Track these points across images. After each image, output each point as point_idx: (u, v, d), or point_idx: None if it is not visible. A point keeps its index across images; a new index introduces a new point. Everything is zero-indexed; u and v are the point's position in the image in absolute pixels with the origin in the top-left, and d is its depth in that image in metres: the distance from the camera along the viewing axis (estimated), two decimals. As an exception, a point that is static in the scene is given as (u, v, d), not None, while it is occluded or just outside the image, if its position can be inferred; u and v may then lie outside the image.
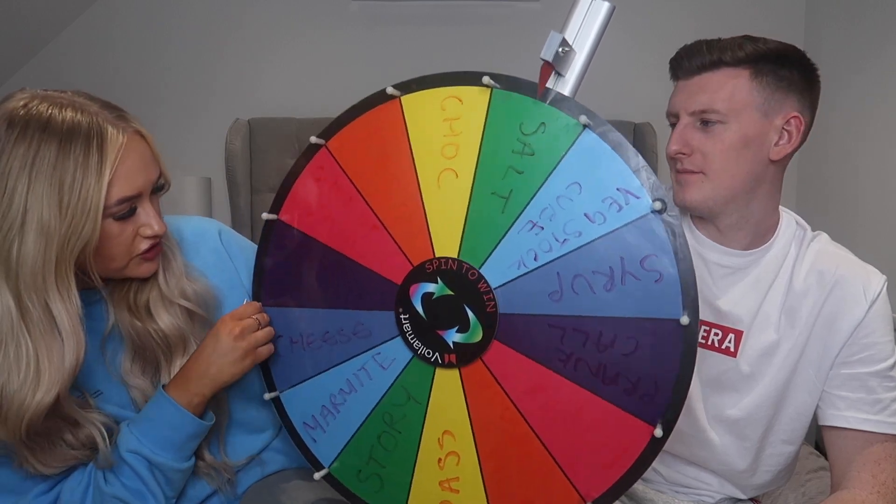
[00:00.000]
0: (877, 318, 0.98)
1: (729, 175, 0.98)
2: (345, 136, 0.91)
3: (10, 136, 0.77)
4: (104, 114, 0.82)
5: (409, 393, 0.88)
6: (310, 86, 2.41)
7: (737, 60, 0.97)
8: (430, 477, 0.89)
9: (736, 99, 0.97)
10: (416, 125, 0.86)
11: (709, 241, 1.05)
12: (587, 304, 0.78)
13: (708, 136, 0.98)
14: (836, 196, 2.17)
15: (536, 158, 0.79)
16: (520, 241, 0.80)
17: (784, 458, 1.08)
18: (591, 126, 0.76)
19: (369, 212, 0.89)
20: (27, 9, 2.19)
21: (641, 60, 2.34)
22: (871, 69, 1.99)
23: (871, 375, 0.99)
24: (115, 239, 0.84)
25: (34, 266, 0.77)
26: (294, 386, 0.97)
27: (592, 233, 0.77)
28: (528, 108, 0.79)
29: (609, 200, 0.77)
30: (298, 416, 0.97)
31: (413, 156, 0.86)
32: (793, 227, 1.05)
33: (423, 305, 0.85)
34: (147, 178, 0.86)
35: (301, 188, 0.94)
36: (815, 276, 1.01)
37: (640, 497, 1.15)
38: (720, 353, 1.04)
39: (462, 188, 0.83)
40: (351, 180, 0.90)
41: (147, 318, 0.93)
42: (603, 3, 0.78)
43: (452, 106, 0.83)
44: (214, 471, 1.02)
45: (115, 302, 0.94)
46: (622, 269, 0.76)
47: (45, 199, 0.76)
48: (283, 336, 0.96)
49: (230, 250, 1.06)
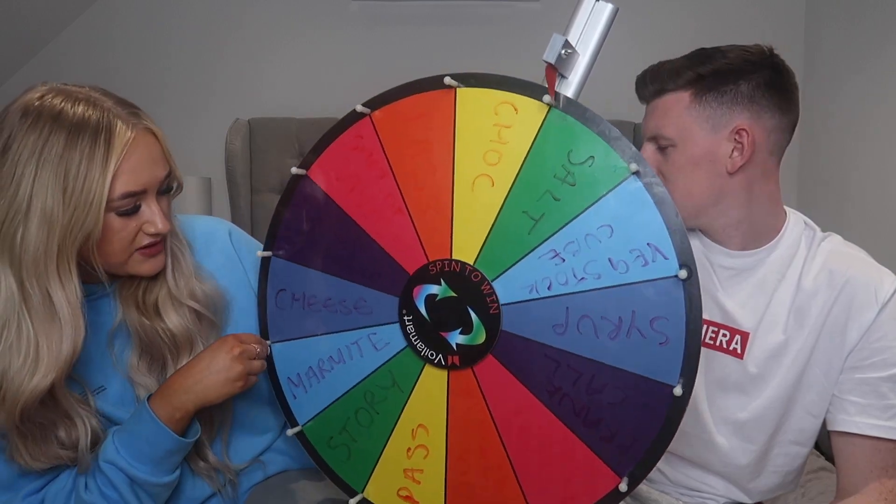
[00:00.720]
0: (888, 321, 0.97)
1: (688, 192, 1.01)
2: (391, 112, 0.88)
3: (23, 125, 0.79)
4: (117, 109, 0.83)
5: (395, 379, 0.89)
6: (310, 86, 2.41)
7: (678, 85, 1.01)
8: (396, 462, 0.90)
9: (680, 123, 1.00)
10: (465, 121, 0.84)
11: (712, 244, 1.05)
12: (588, 346, 0.79)
13: (665, 158, 1.02)
14: (836, 196, 2.17)
15: (576, 190, 0.78)
16: (538, 267, 0.80)
17: (792, 458, 1.07)
18: (640, 174, 0.75)
19: (398, 194, 0.88)
20: (27, 9, 2.19)
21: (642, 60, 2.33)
22: (871, 69, 1.99)
23: (883, 380, 0.97)
24: (116, 234, 0.85)
25: (36, 253, 0.79)
26: (286, 340, 0.97)
27: (612, 279, 0.77)
28: (582, 136, 0.77)
29: (637, 252, 0.76)
30: (285, 370, 0.97)
31: (455, 151, 0.84)
32: (800, 227, 1.05)
33: (426, 307, 0.85)
34: (154, 175, 0.86)
35: (335, 152, 0.92)
36: (826, 276, 1.00)
37: (644, 497, 1.14)
38: (727, 354, 1.04)
39: (495, 198, 0.82)
40: (387, 157, 0.89)
41: (155, 316, 0.94)
42: (606, 5, 0.78)
43: (506, 112, 0.81)
44: (216, 472, 1.02)
45: (124, 299, 0.94)
46: (631, 322, 0.77)
47: (49, 188, 0.78)
48: (286, 290, 0.96)
49: (239, 251, 1.06)
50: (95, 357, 0.94)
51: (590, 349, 0.78)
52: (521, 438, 0.83)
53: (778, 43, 1.03)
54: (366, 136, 0.90)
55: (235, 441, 1.06)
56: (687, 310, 0.74)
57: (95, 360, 0.94)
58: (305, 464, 1.10)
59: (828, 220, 2.15)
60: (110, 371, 0.95)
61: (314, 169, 0.93)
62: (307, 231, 0.94)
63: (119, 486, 0.89)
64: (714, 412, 1.06)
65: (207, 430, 1.00)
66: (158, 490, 0.93)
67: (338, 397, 0.94)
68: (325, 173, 0.93)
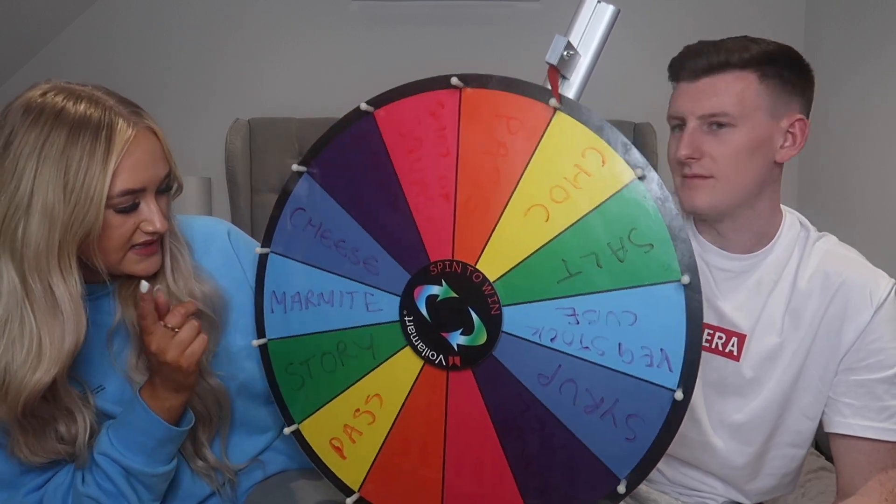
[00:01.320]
0: (883, 322, 0.97)
1: (739, 179, 0.97)
2: (483, 97, 0.83)
3: (25, 121, 0.80)
4: (119, 108, 0.84)
5: (373, 344, 0.90)
6: (310, 86, 2.41)
7: (743, 62, 0.96)
8: (341, 415, 0.92)
9: (746, 102, 0.96)
10: (550, 146, 0.79)
11: (711, 246, 1.05)
12: (562, 408, 0.80)
13: (718, 139, 0.97)
14: (836, 196, 2.17)
15: (622, 267, 0.76)
16: (552, 316, 0.80)
17: (789, 460, 1.07)
18: (688, 286, 0.74)
19: (452, 180, 0.84)
20: (27, 9, 2.19)
21: (641, 60, 2.34)
22: (871, 69, 1.99)
23: (878, 382, 0.97)
24: (114, 231, 0.85)
25: (37, 247, 0.79)
26: (283, 256, 0.96)
27: (612, 362, 0.78)
28: (651, 221, 0.75)
29: (647, 351, 0.76)
30: (272, 283, 0.97)
31: (526, 169, 0.80)
32: (796, 228, 1.05)
33: (427, 308, 0.85)
34: (153, 173, 0.86)
35: (411, 105, 0.86)
36: (821, 278, 1.00)
37: (643, 497, 1.14)
38: (723, 357, 1.04)
39: (542, 233, 0.79)
40: (459, 140, 0.84)
41: None
42: (608, 7, 0.78)
43: (593, 160, 0.77)
44: (214, 472, 1.02)
45: (123, 298, 0.94)
46: (611, 407, 0.78)
47: (50, 184, 0.78)
48: (306, 211, 0.94)
49: (238, 251, 1.06)
50: (95, 356, 0.94)
51: (563, 411, 0.80)
52: (458, 454, 0.86)
53: (778, 43, 1.03)
54: (447, 108, 0.84)
55: (234, 440, 1.06)
56: (664, 423, 0.76)
57: (95, 360, 0.94)
58: (304, 464, 1.10)
59: (827, 220, 2.16)
60: (109, 370, 0.95)
61: (383, 112, 0.88)
62: (348, 166, 0.90)
63: (115, 477, 0.90)
64: (711, 414, 1.06)
65: (207, 429, 1.00)
66: (154, 480, 0.93)
67: (312, 332, 0.94)
68: (391, 122, 0.88)
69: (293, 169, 0.93)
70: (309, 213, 0.93)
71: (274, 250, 0.96)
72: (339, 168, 0.91)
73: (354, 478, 0.93)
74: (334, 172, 0.92)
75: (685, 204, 1.02)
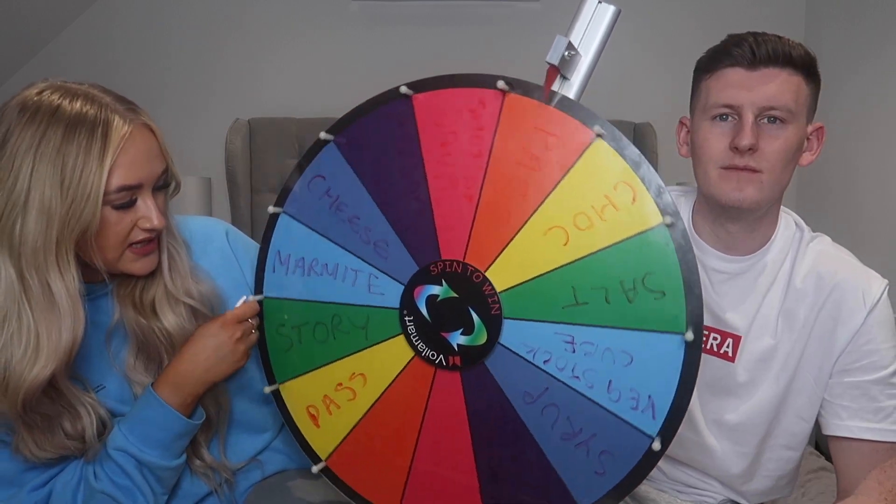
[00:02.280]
0: (876, 324, 0.97)
1: (781, 178, 0.97)
2: (525, 106, 0.80)
3: (21, 119, 0.80)
4: (115, 105, 0.84)
5: (368, 325, 0.90)
6: (310, 86, 2.41)
7: (801, 60, 0.94)
8: (323, 385, 0.93)
9: (799, 101, 0.95)
10: (583, 171, 0.77)
11: (709, 248, 1.05)
12: (540, 429, 0.81)
13: (772, 134, 0.95)
14: (836, 196, 2.17)
15: (629, 308, 0.76)
16: (549, 339, 0.80)
17: (784, 462, 1.07)
18: (689, 344, 0.74)
19: (479, 183, 0.83)
20: (27, 9, 2.19)
21: (642, 60, 2.34)
22: (871, 69, 1.99)
23: (873, 383, 0.97)
24: (111, 228, 0.85)
25: (35, 244, 0.80)
26: (294, 219, 0.95)
27: (599, 397, 0.78)
28: (666, 266, 0.74)
29: (635, 394, 0.77)
30: (279, 243, 0.96)
31: (555, 190, 0.79)
32: (791, 229, 1.04)
33: (427, 308, 0.85)
34: (150, 170, 0.86)
35: (452, 98, 0.84)
36: (814, 279, 1.00)
37: (642, 496, 1.15)
38: (718, 358, 1.04)
39: (557, 256, 0.79)
40: (493, 145, 0.82)
41: (152, 316, 0.94)
42: (608, 7, 0.78)
43: (624, 194, 0.76)
44: (212, 471, 1.02)
45: (121, 298, 0.94)
46: (587, 439, 0.79)
47: (47, 181, 0.79)
48: (326, 179, 0.92)
49: (236, 251, 1.07)
50: (94, 356, 0.94)
51: (540, 434, 0.81)
52: (432, 443, 0.87)
53: (778, 43, 1.03)
54: (488, 109, 0.82)
55: (233, 440, 1.06)
56: (635, 467, 0.77)
57: (94, 359, 0.94)
58: (303, 464, 1.10)
59: (827, 220, 2.16)
60: (108, 370, 0.95)
61: (422, 97, 0.85)
62: (376, 144, 0.88)
63: (130, 471, 0.90)
64: (707, 414, 1.06)
65: (205, 429, 1.00)
66: (168, 474, 0.94)
67: (309, 300, 0.94)
68: (428, 110, 0.85)
69: (321, 136, 0.91)
70: (328, 183, 0.92)
71: (286, 211, 0.95)
72: (366, 144, 0.89)
73: (324, 447, 0.95)
74: (361, 147, 0.89)
75: (725, 196, 0.97)
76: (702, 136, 0.99)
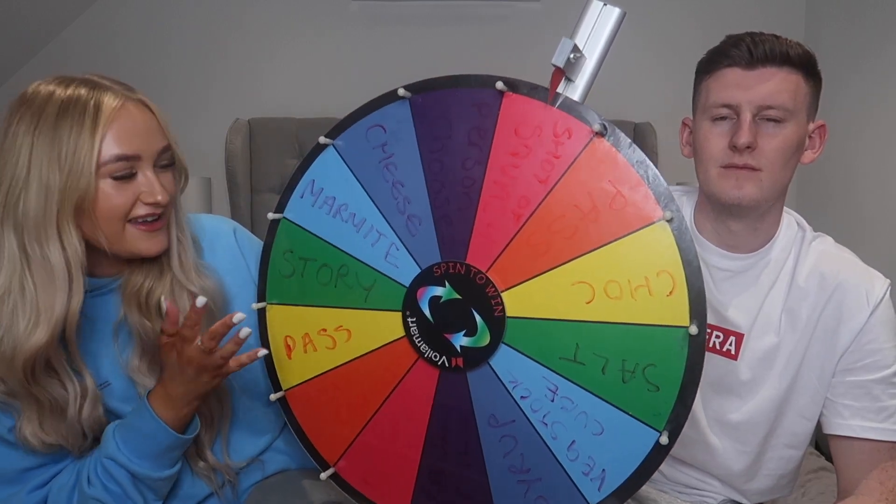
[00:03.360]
0: (879, 323, 0.98)
1: (780, 176, 0.98)
2: (608, 155, 0.77)
3: (20, 107, 0.86)
4: (108, 84, 0.88)
5: (372, 289, 0.89)
6: (310, 86, 2.41)
7: (798, 59, 0.96)
8: (307, 323, 0.94)
9: (797, 100, 0.96)
10: (635, 244, 0.75)
11: (711, 246, 1.05)
12: (492, 453, 0.84)
13: (770, 133, 0.96)
14: (836, 196, 2.17)
15: (619, 387, 0.77)
16: (535, 380, 0.81)
17: (786, 461, 1.08)
18: (660, 444, 0.75)
19: (531, 206, 0.80)
20: (27, 9, 2.18)
21: (642, 60, 2.34)
22: (871, 69, 1.99)
23: (876, 382, 0.98)
24: (111, 200, 0.86)
25: (36, 218, 0.84)
26: (340, 157, 0.91)
27: (558, 452, 0.80)
28: (674, 370, 0.75)
29: (592, 464, 0.79)
30: (316, 172, 0.93)
31: (600, 248, 0.77)
32: (794, 229, 1.05)
33: (430, 309, 0.85)
34: (147, 142, 0.88)
35: (539, 117, 0.79)
36: (817, 278, 1.01)
37: (642, 497, 1.15)
38: (721, 356, 1.04)
39: (575, 310, 0.78)
40: (562, 177, 0.79)
41: (157, 317, 0.94)
42: (613, 10, 0.78)
43: (663, 284, 0.75)
44: (214, 473, 1.02)
45: (126, 298, 0.94)
46: (531, 480, 0.82)
47: (44, 157, 0.83)
48: (386, 131, 0.89)
49: (243, 249, 1.07)
50: (101, 352, 0.95)
51: (491, 457, 0.84)
52: (389, 419, 0.90)
53: (778, 44, 1.03)
54: (572, 140, 0.78)
55: (235, 440, 1.06)
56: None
57: (101, 355, 0.95)
58: (304, 464, 1.10)
59: (827, 219, 2.16)
60: (115, 367, 0.96)
61: (511, 99, 0.81)
62: (449, 123, 0.84)
63: (121, 480, 0.91)
64: (709, 413, 1.06)
65: (208, 429, 1.01)
66: (160, 483, 0.94)
67: (324, 240, 0.92)
68: (513, 115, 0.81)
69: (399, 92, 0.85)
70: (388, 138, 0.88)
71: (336, 144, 0.92)
72: (439, 116, 0.85)
73: (288, 378, 0.96)
74: (433, 117, 0.85)
75: (725, 194, 0.98)
76: (702, 136, 1.00)
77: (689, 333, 0.73)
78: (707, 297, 1.02)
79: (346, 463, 0.94)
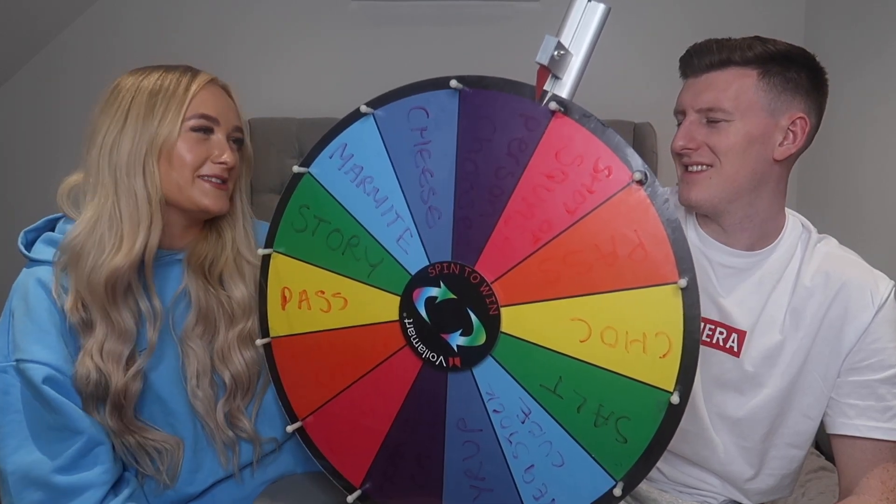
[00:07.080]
0: (884, 323, 0.98)
1: (734, 172, 0.99)
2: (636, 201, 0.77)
3: (133, 73, 1.05)
4: (201, 70, 1.07)
5: (377, 266, 0.90)
6: (310, 86, 2.41)
7: (745, 60, 0.98)
8: (308, 281, 0.95)
9: (742, 98, 0.98)
10: (643, 299, 0.76)
11: (713, 241, 1.06)
12: (453, 453, 0.87)
13: (714, 131, 0.99)
14: (837, 196, 2.17)
15: (589, 429, 0.79)
16: (512, 398, 0.83)
17: (789, 461, 1.08)
18: (615, 490, 0.78)
19: (557, 234, 0.80)
20: (27, 9, 2.19)
21: (641, 61, 2.34)
22: (872, 70, 1.99)
23: (881, 382, 0.99)
24: (189, 148, 0.99)
25: (129, 155, 0.97)
26: (379, 130, 0.90)
27: (515, 469, 0.83)
28: (646, 427, 0.76)
29: (545, 489, 0.82)
30: (350, 137, 0.92)
31: (609, 293, 0.77)
32: (798, 230, 1.06)
33: (426, 310, 0.85)
34: (227, 113, 1.04)
35: (590, 143, 0.78)
36: (822, 278, 1.01)
37: (643, 496, 1.15)
38: (723, 352, 1.05)
39: (567, 345, 0.79)
40: (595, 209, 0.78)
41: (219, 287, 1.06)
42: (598, 5, 0.78)
43: (659, 345, 0.75)
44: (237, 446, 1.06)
45: (192, 268, 1.04)
46: (482, 487, 0.86)
47: (143, 107, 0.99)
48: (428, 117, 0.88)
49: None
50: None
51: (451, 456, 0.87)
52: (363, 392, 0.92)
53: (778, 44, 1.03)
54: (611, 178, 0.77)
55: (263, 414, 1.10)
56: None
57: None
58: (309, 467, 1.12)
59: (828, 220, 2.16)
60: (168, 337, 1.02)
61: (559, 122, 0.79)
62: (492, 124, 0.82)
63: None
64: (711, 408, 1.06)
65: (244, 395, 1.06)
66: None
67: (343, 205, 0.92)
68: (557, 137, 0.79)
69: (451, 84, 0.83)
70: (428, 122, 0.86)
71: (377, 114, 0.90)
72: (486, 116, 0.83)
73: (277, 329, 0.98)
74: (480, 116, 0.83)
75: (682, 198, 1.03)
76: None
77: (670, 401, 0.74)
78: (710, 293, 1.04)
79: (314, 420, 0.96)
